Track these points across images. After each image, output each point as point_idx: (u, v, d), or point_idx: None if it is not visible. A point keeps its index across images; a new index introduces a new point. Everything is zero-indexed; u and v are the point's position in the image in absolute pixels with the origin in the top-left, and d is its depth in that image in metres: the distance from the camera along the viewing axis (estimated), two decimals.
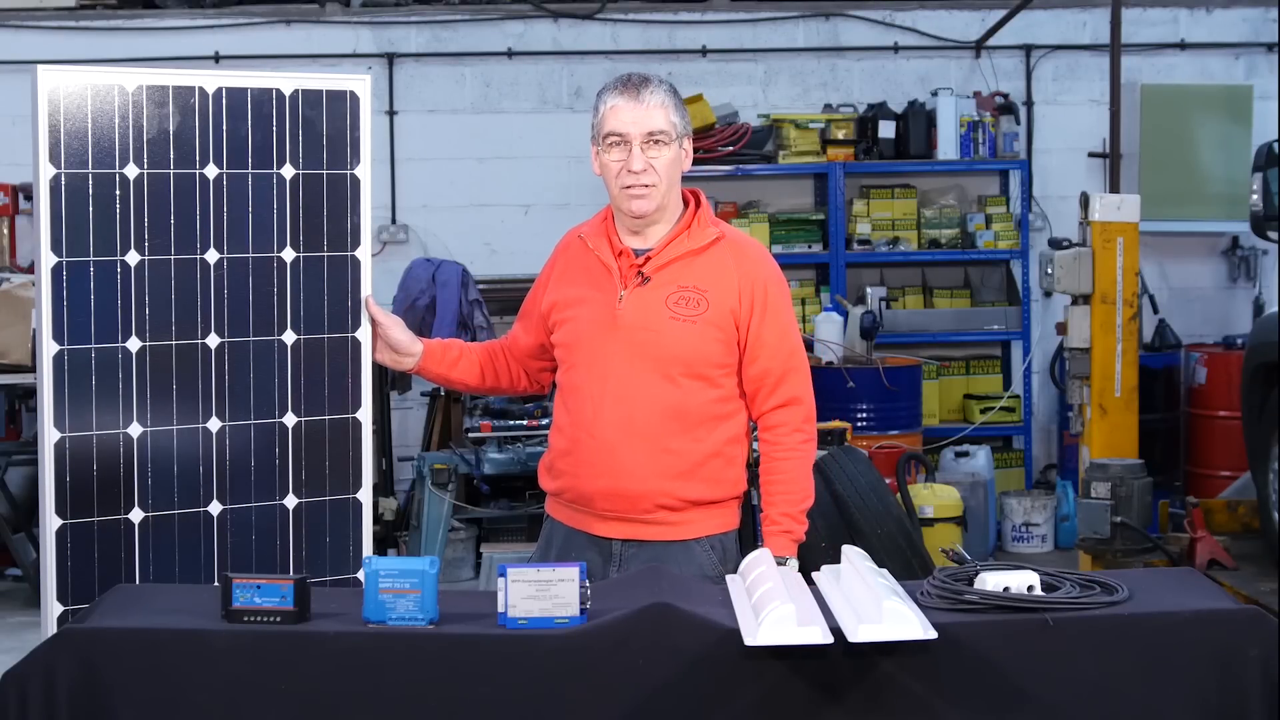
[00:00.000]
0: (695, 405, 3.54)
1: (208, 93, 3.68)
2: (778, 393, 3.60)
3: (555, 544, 3.66)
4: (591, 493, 3.57)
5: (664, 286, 3.55)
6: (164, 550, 3.66)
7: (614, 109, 3.54)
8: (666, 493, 3.53)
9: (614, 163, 3.54)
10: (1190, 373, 8.99)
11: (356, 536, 3.86)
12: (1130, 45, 8.72)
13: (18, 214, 8.68)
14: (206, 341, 3.69)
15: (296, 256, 3.77)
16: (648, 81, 3.55)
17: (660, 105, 3.53)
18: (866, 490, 5.78)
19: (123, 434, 3.61)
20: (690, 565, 3.51)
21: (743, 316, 3.56)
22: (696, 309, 3.53)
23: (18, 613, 7.45)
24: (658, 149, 3.52)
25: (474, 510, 7.79)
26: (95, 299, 3.57)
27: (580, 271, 3.63)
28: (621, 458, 3.51)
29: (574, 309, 3.61)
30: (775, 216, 9.00)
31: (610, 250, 3.59)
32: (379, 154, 8.95)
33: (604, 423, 3.52)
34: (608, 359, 3.54)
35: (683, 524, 3.57)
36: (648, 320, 3.53)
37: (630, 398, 3.51)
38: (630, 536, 3.57)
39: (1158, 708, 2.94)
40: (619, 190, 3.55)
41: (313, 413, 3.80)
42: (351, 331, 3.83)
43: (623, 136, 3.52)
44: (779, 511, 3.57)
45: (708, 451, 3.56)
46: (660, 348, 3.52)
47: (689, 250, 3.57)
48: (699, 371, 3.54)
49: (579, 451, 3.57)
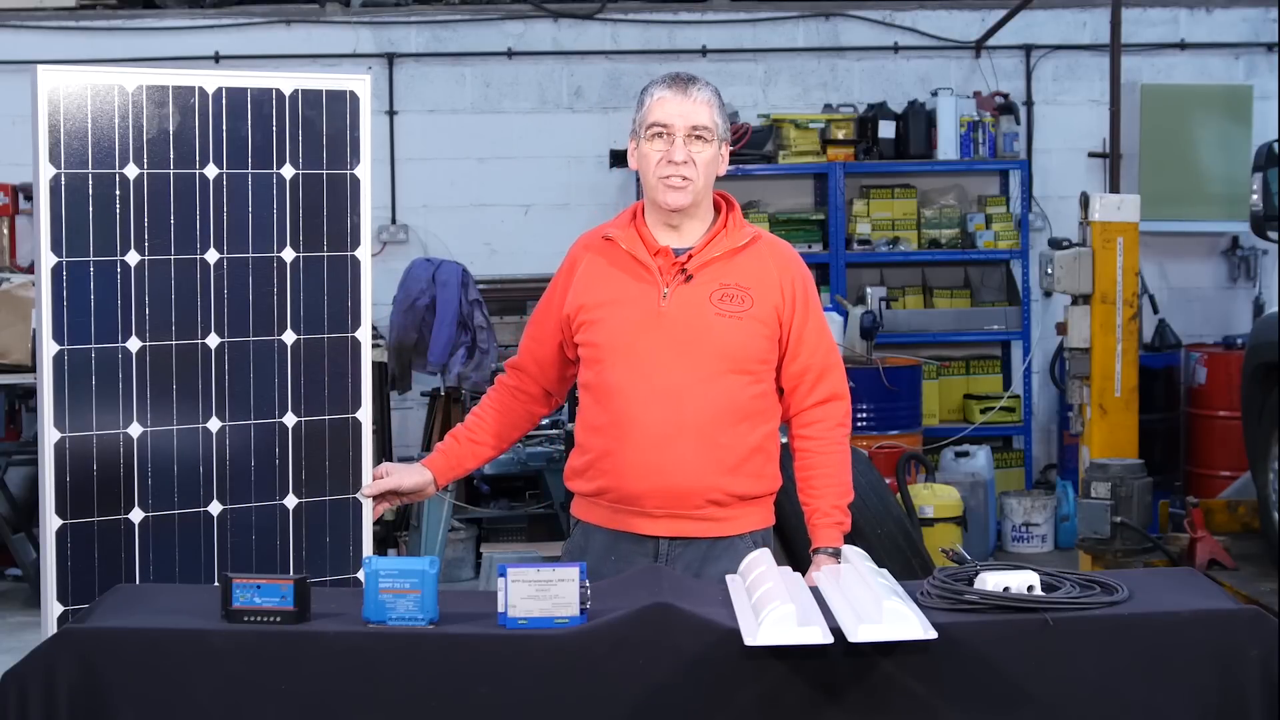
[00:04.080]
0: (741, 400, 3.56)
1: (208, 93, 3.68)
2: (818, 389, 3.64)
3: (594, 547, 3.63)
4: (639, 492, 3.55)
5: (707, 284, 3.56)
6: (164, 550, 3.66)
7: (661, 100, 3.56)
8: (717, 488, 3.54)
9: (655, 152, 3.56)
10: (1190, 373, 8.99)
11: (356, 536, 3.86)
12: (1130, 45, 8.72)
13: (18, 214, 8.69)
14: (206, 341, 3.69)
15: (296, 256, 3.77)
16: (695, 80, 3.60)
17: (706, 103, 3.56)
18: (866, 490, 5.78)
19: (123, 434, 3.61)
20: (735, 562, 3.50)
21: (785, 314, 3.60)
22: (742, 305, 3.55)
23: (18, 613, 7.45)
24: (700, 144, 3.55)
25: (474, 510, 7.80)
26: (95, 299, 3.57)
27: (610, 271, 3.61)
28: (671, 454, 3.51)
29: (606, 309, 3.59)
30: (775, 216, 9.00)
31: (646, 249, 3.59)
32: (379, 154, 8.95)
33: (651, 420, 3.52)
34: (651, 356, 3.53)
35: (729, 520, 3.59)
36: (693, 317, 3.54)
37: (678, 394, 3.52)
38: (678, 534, 3.57)
39: (1158, 708, 2.94)
40: (656, 180, 3.56)
41: (313, 413, 3.80)
42: (351, 331, 3.83)
43: (666, 128, 3.54)
44: (828, 504, 3.59)
45: (752, 446, 3.58)
46: (707, 344, 3.53)
47: (730, 249, 3.59)
48: (745, 367, 3.56)
49: (623, 451, 3.55)
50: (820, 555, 3.53)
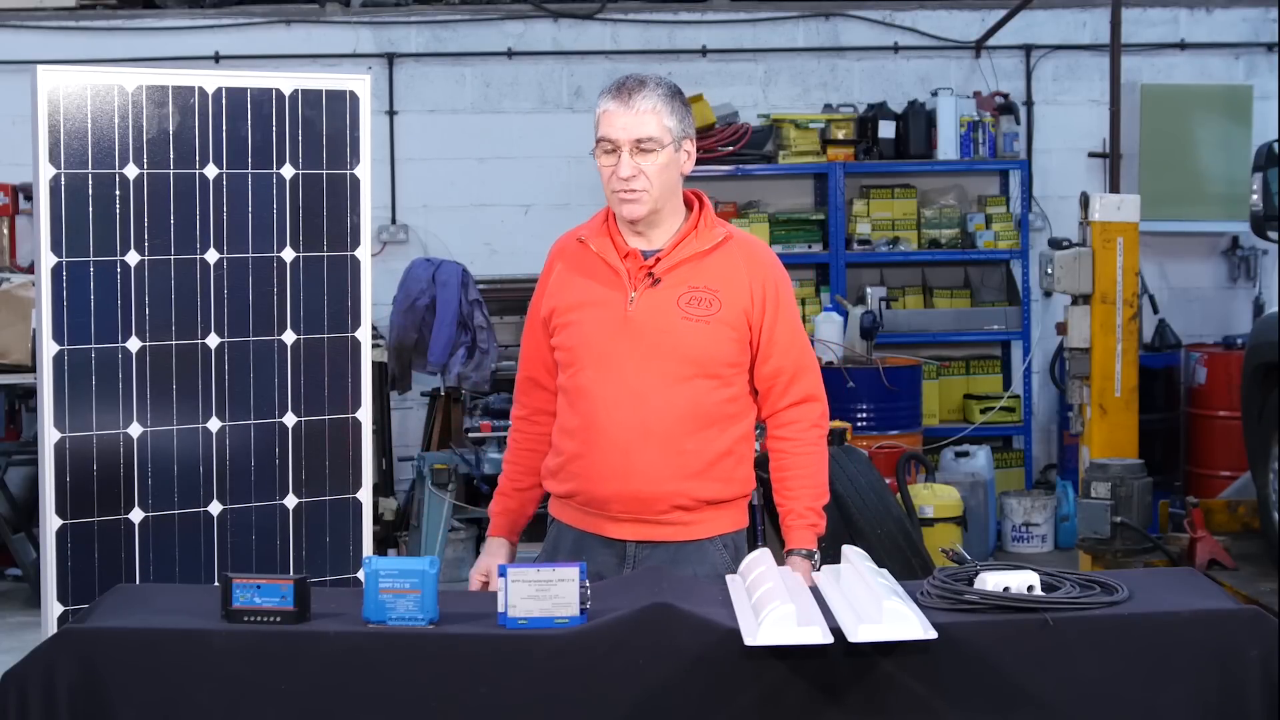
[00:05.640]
0: (708, 405, 3.54)
1: (207, 93, 3.68)
2: (791, 391, 3.61)
3: (565, 548, 3.64)
4: (605, 496, 3.55)
5: (675, 287, 3.54)
6: (164, 550, 3.66)
7: (606, 114, 3.53)
8: (682, 493, 3.53)
9: (605, 168, 3.54)
10: (1190, 373, 8.99)
11: (356, 536, 3.86)
12: (1130, 45, 8.72)
13: (18, 214, 8.68)
14: (206, 341, 3.70)
15: (296, 256, 3.77)
16: (643, 85, 3.52)
17: (652, 110, 3.50)
18: (866, 490, 5.78)
19: (123, 434, 3.61)
20: (704, 565, 3.51)
21: (755, 316, 3.56)
22: (709, 309, 3.53)
23: (18, 613, 7.45)
24: (646, 156, 3.50)
25: (474, 510, 7.79)
26: (95, 299, 3.57)
27: (582, 274, 3.61)
28: (636, 459, 3.50)
29: (578, 312, 3.59)
30: (775, 216, 9.00)
31: (616, 252, 3.58)
32: (379, 154, 8.94)
33: (617, 425, 3.51)
34: (619, 361, 3.52)
35: (697, 524, 3.57)
36: (660, 321, 3.52)
37: (644, 399, 3.50)
38: (645, 538, 3.56)
39: (1158, 708, 2.94)
40: (610, 194, 3.56)
41: (313, 413, 3.80)
42: (351, 331, 3.83)
43: (613, 143, 3.51)
44: (803, 505, 3.56)
45: (720, 450, 3.56)
46: (674, 348, 3.51)
47: (698, 251, 3.56)
48: (712, 371, 3.54)
49: (591, 454, 3.54)
50: (794, 557, 3.50)
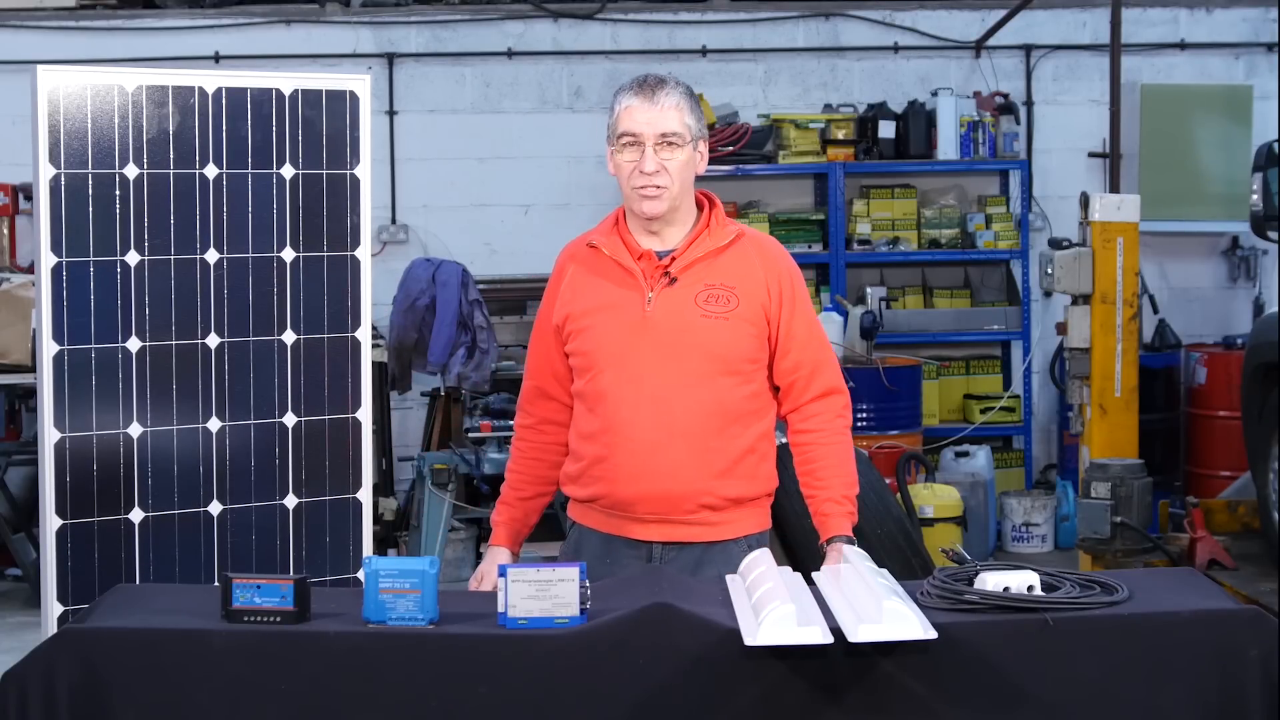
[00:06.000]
0: (731, 402, 3.54)
1: (207, 93, 3.68)
2: (814, 384, 3.61)
3: (589, 551, 3.61)
4: (631, 497, 3.54)
5: (691, 286, 3.54)
6: (164, 550, 3.66)
7: (629, 110, 3.53)
8: (709, 491, 3.52)
9: (627, 163, 3.53)
10: (1190, 373, 8.99)
11: (356, 536, 3.86)
12: (1130, 45, 8.72)
13: (18, 214, 8.68)
14: (206, 341, 3.70)
15: (296, 256, 3.77)
16: (664, 83, 3.55)
17: (675, 107, 3.52)
18: (866, 490, 5.74)
19: (123, 434, 3.61)
20: (730, 567, 3.48)
21: (773, 311, 3.57)
22: (728, 305, 3.53)
23: (18, 613, 7.45)
24: (671, 151, 3.51)
25: (474, 510, 7.79)
26: (95, 299, 3.57)
27: (595, 278, 3.60)
28: (662, 459, 3.50)
29: (594, 316, 3.58)
30: (775, 216, 9.00)
31: (629, 253, 3.58)
32: (379, 154, 8.95)
33: (642, 425, 3.50)
34: (639, 362, 3.52)
35: (723, 524, 3.56)
36: (679, 320, 3.52)
37: (667, 398, 3.50)
38: (671, 539, 3.55)
39: (1158, 708, 2.94)
40: (631, 190, 3.54)
41: (313, 413, 3.80)
42: (351, 331, 3.83)
43: (636, 137, 3.51)
44: (838, 494, 3.54)
45: (744, 447, 3.56)
46: (695, 346, 3.51)
47: (712, 249, 3.57)
48: (733, 368, 3.54)
49: (615, 457, 3.53)
50: (836, 543, 3.45)
